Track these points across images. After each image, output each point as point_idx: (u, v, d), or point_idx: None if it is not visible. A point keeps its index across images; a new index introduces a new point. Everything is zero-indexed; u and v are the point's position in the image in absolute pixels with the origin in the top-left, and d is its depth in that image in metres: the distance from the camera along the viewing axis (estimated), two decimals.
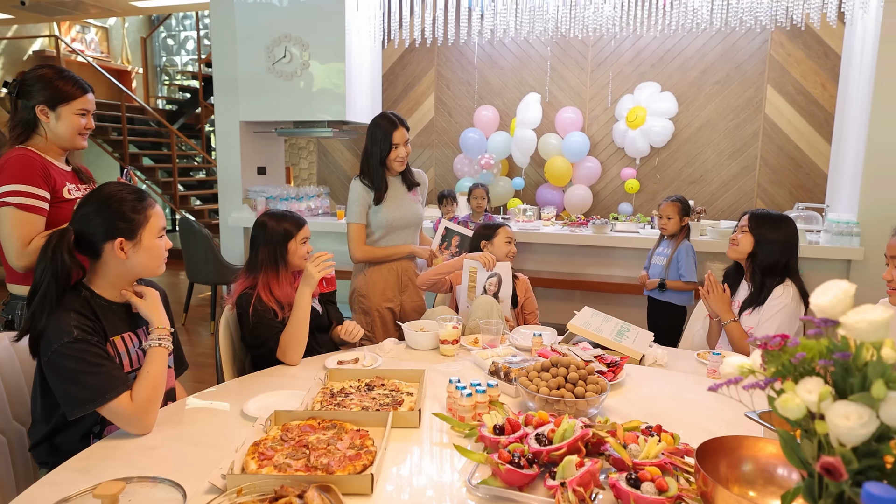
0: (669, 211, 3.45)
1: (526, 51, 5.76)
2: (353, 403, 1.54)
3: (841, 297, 0.70)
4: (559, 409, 1.39)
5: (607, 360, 1.74)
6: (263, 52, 4.82)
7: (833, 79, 4.93)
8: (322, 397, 1.58)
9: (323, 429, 1.37)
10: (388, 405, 1.52)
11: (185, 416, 1.55)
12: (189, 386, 3.85)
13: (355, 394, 1.61)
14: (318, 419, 1.41)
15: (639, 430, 1.25)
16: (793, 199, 5.18)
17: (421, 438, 1.41)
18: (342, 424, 1.39)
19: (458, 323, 2.07)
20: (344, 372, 1.77)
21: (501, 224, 2.71)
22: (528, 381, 1.46)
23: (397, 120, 2.60)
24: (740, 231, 2.24)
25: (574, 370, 1.45)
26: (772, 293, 2.13)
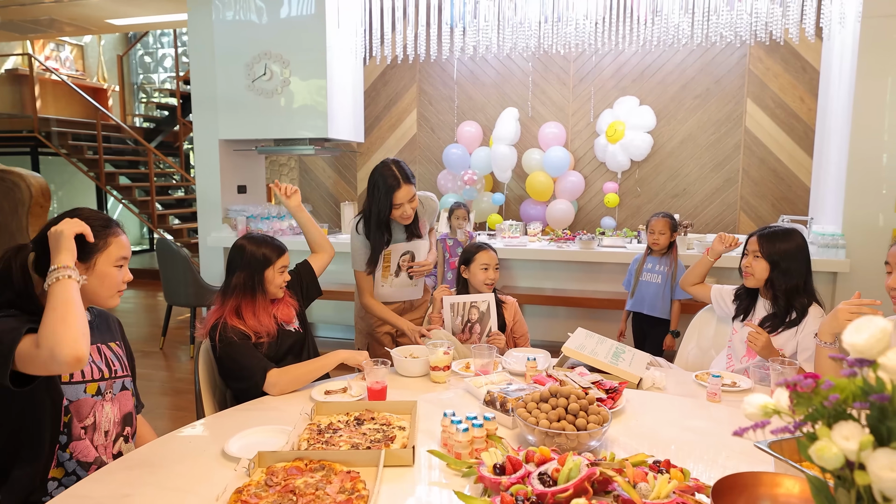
0: (661, 226, 3.41)
1: (507, 66, 5.76)
2: (343, 440, 1.45)
3: (879, 337, 0.65)
4: (560, 443, 1.32)
5: (605, 385, 1.68)
6: (243, 70, 4.74)
7: (810, 92, 4.99)
8: (309, 434, 1.49)
9: (311, 471, 1.29)
10: (380, 441, 1.44)
11: (161, 458, 1.45)
12: (168, 414, 3.72)
13: (344, 429, 1.52)
14: (306, 460, 1.32)
15: (646, 465, 1.18)
16: (775, 211, 5.21)
17: (416, 478, 1.33)
18: (331, 465, 1.30)
19: (450, 349, 1.99)
20: (331, 405, 1.68)
21: (480, 248, 2.50)
22: (527, 414, 1.40)
23: (401, 175, 2.34)
24: (753, 257, 2.12)
25: (574, 400, 1.39)
26: (809, 314, 2.05)
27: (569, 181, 5.49)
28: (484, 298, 2.34)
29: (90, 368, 1.51)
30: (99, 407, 1.51)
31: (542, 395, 1.44)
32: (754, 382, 1.78)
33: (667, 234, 3.40)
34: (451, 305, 2.33)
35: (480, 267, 2.46)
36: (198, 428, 1.65)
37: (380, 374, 1.80)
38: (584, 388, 1.59)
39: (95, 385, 1.51)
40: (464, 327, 2.34)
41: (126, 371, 1.63)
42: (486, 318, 2.33)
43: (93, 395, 1.50)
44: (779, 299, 2.09)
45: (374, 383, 1.80)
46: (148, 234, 10.04)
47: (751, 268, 2.12)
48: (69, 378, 1.45)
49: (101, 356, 1.55)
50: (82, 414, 1.48)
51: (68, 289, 1.33)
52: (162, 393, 4.09)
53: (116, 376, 1.58)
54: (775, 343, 2.07)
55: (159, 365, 4.58)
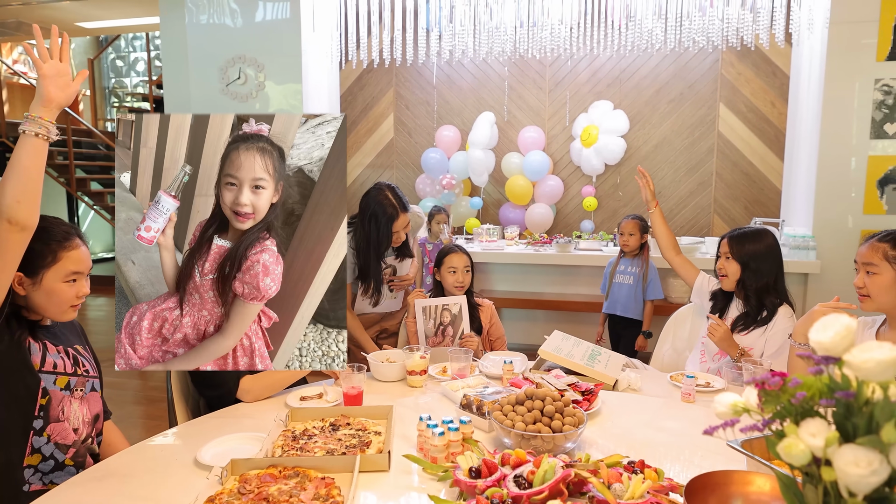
0: (631, 227, 3.47)
1: (484, 71, 5.78)
2: (318, 446, 1.43)
3: (843, 334, 0.66)
4: (536, 446, 1.32)
5: (581, 387, 1.69)
6: (217, 74, 4.69)
7: (781, 96, 5.09)
8: (283, 441, 1.46)
9: (285, 478, 1.27)
10: (355, 447, 1.42)
11: (132, 468, 1.42)
12: (141, 423, 3.64)
13: (319, 435, 1.50)
14: (279, 467, 1.29)
15: (621, 466, 1.19)
16: (748, 214, 5.30)
17: (391, 483, 1.32)
18: (305, 472, 1.28)
19: (426, 353, 1.98)
20: (306, 411, 1.66)
21: (449, 251, 2.47)
22: (503, 416, 1.39)
23: (398, 204, 2.37)
24: (725, 258, 2.16)
25: (550, 402, 1.39)
26: (778, 314, 2.09)
27: (548, 185, 5.52)
28: (455, 301, 2.34)
29: (62, 361, 1.46)
30: (67, 402, 1.47)
31: (518, 397, 1.44)
32: (727, 382, 1.80)
33: (636, 235, 3.45)
34: (422, 309, 2.32)
35: (448, 270, 2.45)
36: (170, 436, 1.62)
37: (356, 380, 1.78)
38: (559, 391, 1.59)
39: (66, 379, 1.47)
40: (436, 330, 2.33)
41: (95, 373, 1.59)
42: (458, 321, 2.33)
43: (62, 389, 1.46)
44: (750, 299, 2.13)
45: (350, 388, 1.78)
46: None
47: (724, 269, 2.16)
48: (40, 365, 1.41)
49: (69, 356, 1.51)
50: (54, 413, 1.44)
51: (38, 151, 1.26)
52: (135, 402, 4.01)
53: (88, 375, 1.55)
54: (745, 342, 2.10)
55: (132, 374, 4.49)
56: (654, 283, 3.47)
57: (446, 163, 5.63)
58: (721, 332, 2.08)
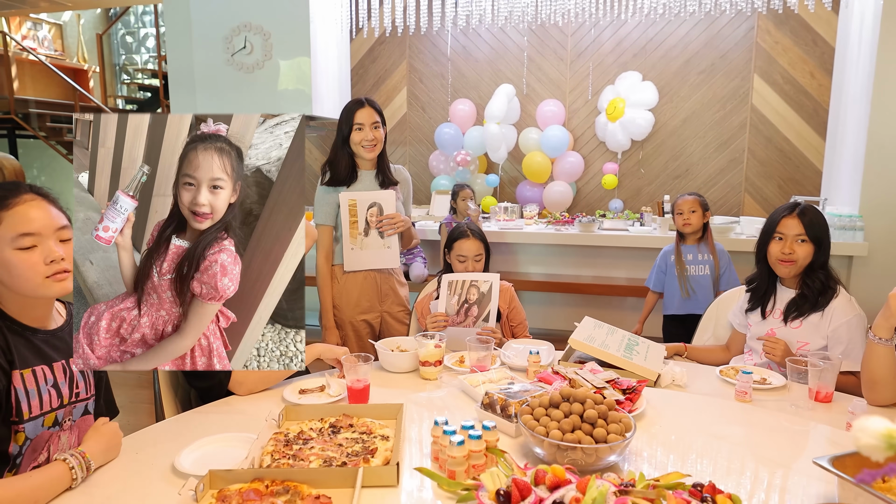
0: (692, 204, 2.96)
1: (502, 41, 5.48)
2: (314, 454, 1.22)
3: None
4: (575, 458, 1.10)
5: (622, 384, 1.45)
6: (221, 43, 4.46)
7: (822, 67, 4.75)
8: (275, 446, 1.25)
9: (272, 494, 1.06)
10: (358, 456, 1.21)
11: (101, 474, 1.21)
12: (144, 408, 3.48)
13: (317, 439, 1.29)
14: (266, 481, 1.09)
15: (685, 489, 0.96)
16: (782, 192, 4.99)
17: (400, 502, 1.10)
18: (297, 487, 1.08)
19: (442, 341, 1.76)
20: (303, 409, 1.44)
21: (461, 235, 2.27)
22: (535, 422, 1.17)
23: (364, 100, 2.33)
24: (796, 241, 1.84)
25: (591, 405, 1.16)
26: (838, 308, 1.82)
27: (567, 162, 5.24)
28: (486, 278, 2.09)
29: (48, 396, 1.25)
30: (55, 439, 1.28)
31: (553, 398, 1.20)
32: (790, 379, 1.57)
33: (699, 213, 2.94)
34: (448, 283, 2.10)
35: (457, 258, 2.23)
36: (149, 434, 1.42)
37: (361, 372, 1.57)
38: (597, 388, 1.36)
39: (53, 416, 1.27)
40: (460, 308, 2.10)
41: (90, 391, 1.38)
42: (485, 301, 2.09)
43: (49, 427, 1.26)
44: (815, 281, 1.85)
45: (355, 381, 1.57)
46: None
47: (794, 254, 1.84)
48: (28, 415, 1.21)
49: (65, 375, 1.30)
50: (36, 451, 1.24)
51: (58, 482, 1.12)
52: (139, 386, 3.86)
53: (78, 399, 1.33)
54: (799, 336, 1.85)
55: None
56: (731, 269, 2.95)
57: (461, 138, 5.37)
58: (781, 350, 1.80)
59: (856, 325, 1.78)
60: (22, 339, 1.23)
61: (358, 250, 2.32)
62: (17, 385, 1.19)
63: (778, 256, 1.87)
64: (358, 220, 2.28)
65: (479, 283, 2.09)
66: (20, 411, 1.19)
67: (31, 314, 1.25)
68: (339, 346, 1.79)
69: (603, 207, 5.34)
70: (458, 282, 2.10)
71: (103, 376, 1.46)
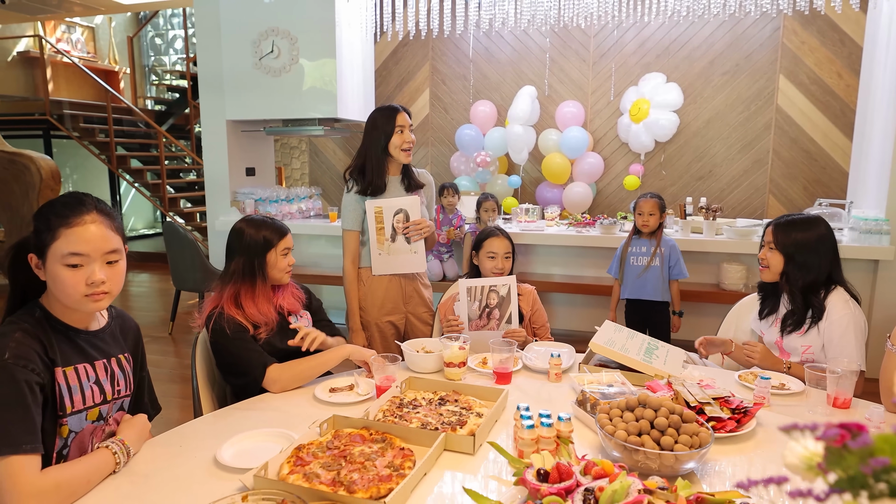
0: (651, 207, 3.26)
1: (524, 43, 5.52)
2: (418, 417, 1.46)
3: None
4: (638, 461, 1.15)
5: (733, 403, 1.42)
6: (250, 47, 4.57)
7: (849, 67, 4.70)
8: (389, 406, 1.51)
9: (372, 440, 1.33)
10: (450, 425, 1.41)
11: (146, 465, 1.30)
12: (175, 402, 3.61)
13: (425, 407, 1.52)
14: (372, 430, 1.36)
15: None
16: (807, 194, 4.95)
17: (471, 467, 1.28)
18: (392, 439, 1.32)
19: (466, 343, 1.82)
20: (424, 381, 1.68)
21: (490, 234, 2.34)
22: (608, 422, 1.24)
23: (399, 106, 2.37)
24: (768, 248, 1.95)
25: (665, 413, 1.20)
26: (830, 306, 1.86)
27: (587, 163, 5.26)
28: (504, 282, 2.15)
29: (90, 392, 1.32)
30: (99, 433, 1.36)
31: (630, 402, 1.26)
32: (808, 385, 1.60)
33: (656, 215, 3.27)
34: (467, 289, 2.15)
35: (487, 255, 2.29)
36: (191, 428, 1.50)
37: (389, 370, 1.64)
38: (698, 403, 1.38)
39: (96, 411, 1.34)
40: (481, 313, 2.16)
41: (129, 389, 1.45)
42: (505, 304, 2.15)
43: (93, 422, 1.34)
44: (795, 296, 1.90)
45: (384, 380, 1.64)
46: (160, 217, 9.97)
47: (766, 260, 1.96)
48: (71, 409, 1.28)
49: (107, 372, 1.37)
50: (83, 443, 1.32)
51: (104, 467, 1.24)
52: (170, 380, 3.98)
53: (119, 396, 1.41)
54: (803, 341, 1.89)
55: (168, 351, 4.49)
56: (680, 262, 3.29)
57: (481, 139, 5.42)
58: (759, 354, 1.88)
59: (846, 323, 1.82)
60: (65, 338, 1.30)
61: (385, 255, 2.38)
62: (60, 381, 1.26)
63: (759, 260, 2.01)
64: (384, 226, 2.34)
65: (497, 288, 2.15)
66: (63, 405, 1.26)
67: (73, 316, 1.32)
68: (366, 349, 1.86)
69: (624, 208, 5.35)
70: (476, 288, 2.16)
71: (145, 376, 1.55)
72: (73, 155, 8.86)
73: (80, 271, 1.23)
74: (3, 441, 1.11)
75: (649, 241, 3.32)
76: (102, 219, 1.27)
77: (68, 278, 1.22)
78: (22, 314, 1.27)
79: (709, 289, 3.81)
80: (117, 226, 1.31)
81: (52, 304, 1.30)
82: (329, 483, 1.14)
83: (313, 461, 1.22)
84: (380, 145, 2.32)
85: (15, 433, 1.12)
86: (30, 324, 1.25)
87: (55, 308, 1.30)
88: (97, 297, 1.26)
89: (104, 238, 1.26)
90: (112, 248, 1.27)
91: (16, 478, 1.10)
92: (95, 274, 1.24)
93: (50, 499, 1.12)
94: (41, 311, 1.29)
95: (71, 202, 1.26)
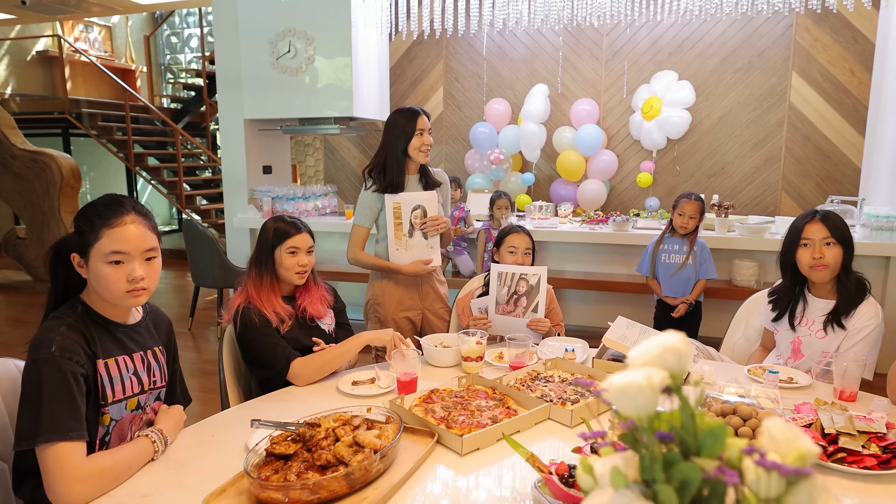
0: (693, 210, 3.29)
1: (537, 41, 5.56)
2: (539, 388, 1.65)
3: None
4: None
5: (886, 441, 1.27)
6: (267, 47, 4.65)
7: (862, 64, 4.70)
8: (525, 376, 1.73)
9: (492, 398, 1.57)
10: (563, 400, 1.57)
11: (183, 454, 1.39)
12: (196, 396, 3.70)
13: (556, 383, 1.69)
14: (498, 392, 1.60)
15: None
16: (820, 192, 4.96)
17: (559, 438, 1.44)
18: (507, 400, 1.56)
19: (483, 338, 1.89)
20: (566, 364, 1.83)
21: (512, 230, 2.40)
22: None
23: (419, 109, 2.42)
24: (823, 245, 1.85)
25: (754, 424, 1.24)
26: (858, 313, 1.87)
27: (601, 160, 5.30)
28: (535, 272, 2.20)
29: (129, 382, 1.40)
30: (137, 421, 1.44)
31: (724, 409, 1.30)
32: (815, 379, 1.64)
33: (696, 219, 3.31)
34: (498, 274, 2.22)
35: (507, 250, 2.35)
36: (221, 419, 1.58)
37: (410, 364, 1.70)
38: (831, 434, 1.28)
39: (135, 400, 1.42)
40: (509, 298, 2.22)
41: (164, 380, 1.53)
42: (533, 293, 2.20)
43: (132, 411, 1.42)
44: (849, 285, 1.88)
45: (404, 374, 1.70)
46: (176, 214, 10.11)
47: (823, 258, 1.86)
48: (112, 398, 1.37)
49: (143, 364, 1.45)
50: (123, 433, 1.40)
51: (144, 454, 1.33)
52: (190, 374, 4.08)
53: (155, 387, 1.49)
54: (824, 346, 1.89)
55: (187, 346, 4.59)
56: (709, 262, 3.34)
57: (495, 137, 5.47)
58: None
59: (870, 331, 1.84)
60: (105, 331, 1.38)
61: (403, 250, 2.44)
62: (102, 372, 1.34)
63: (809, 263, 1.88)
64: (402, 221, 2.41)
65: (528, 276, 2.20)
66: (105, 395, 1.35)
67: (112, 311, 1.40)
68: (384, 330, 1.93)
69: (637, 205, 5.39)
70: (507, 274, 2.21)
71: (177, 368, 1.63)
72: (91, 153, 9.01)
73: (122, 268, 1.32)
74: (51, 428, 1.19)
75: (682, 240, 3.36)
76: (140, 219, 1.36)
77: (111, 275, 1.31)
78: (65, 309, 1.36)
79: (721, 285, 3.85)
80: (153, 225, 1.40)
81: (92, 299, 1.38)
82: (439, 419, 1.39)
83: (438, 402, 1.52)
84: (400, 146, 2.38)
85: (63, 421, 1.21)
86: (73, 318, 1.33)
87: (95, 303, 1.38)
88: (137, 293, 1.34)
89: (143, 237, 1.35)
90: (150, 245, 1.36)
91: (64, 462, 1.18)
92: (136, 271, 1.32)
93: (94, 483, 1.20)
94: (83, 307, 1.37)
95: (111, 204, 1.34)
